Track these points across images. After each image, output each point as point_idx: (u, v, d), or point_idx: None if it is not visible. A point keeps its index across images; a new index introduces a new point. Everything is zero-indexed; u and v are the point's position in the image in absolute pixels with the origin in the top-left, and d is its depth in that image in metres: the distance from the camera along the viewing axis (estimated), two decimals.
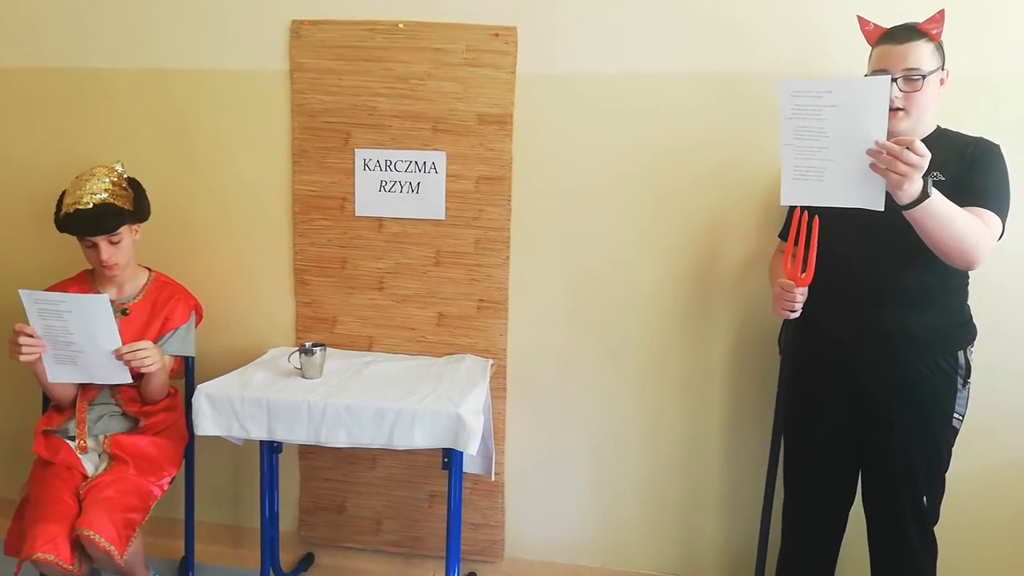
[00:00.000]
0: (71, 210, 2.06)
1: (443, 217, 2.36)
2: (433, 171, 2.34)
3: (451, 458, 2.03)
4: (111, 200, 2.10)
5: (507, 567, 2.52)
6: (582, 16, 2.23)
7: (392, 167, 2.36)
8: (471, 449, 1.92)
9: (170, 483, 2.17)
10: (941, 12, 1.73)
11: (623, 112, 2.25)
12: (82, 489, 2.02)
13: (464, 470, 2.20)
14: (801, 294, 1.81)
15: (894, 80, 1.68)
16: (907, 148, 1.52)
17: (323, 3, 2.32)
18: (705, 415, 2.34)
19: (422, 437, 1.93)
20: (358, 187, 2.39)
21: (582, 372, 2.39)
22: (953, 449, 1.88)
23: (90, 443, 2.13)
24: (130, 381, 2.04)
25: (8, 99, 2.53)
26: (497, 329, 2.40)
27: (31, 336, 1.93)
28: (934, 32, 1.73)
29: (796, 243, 1.78)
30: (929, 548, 1.89)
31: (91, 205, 2.06)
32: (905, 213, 1.60)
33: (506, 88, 2.27)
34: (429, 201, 2.36)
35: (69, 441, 2.13)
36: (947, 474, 1.89)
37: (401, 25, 2.29)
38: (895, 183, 1.55)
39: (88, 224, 2.06)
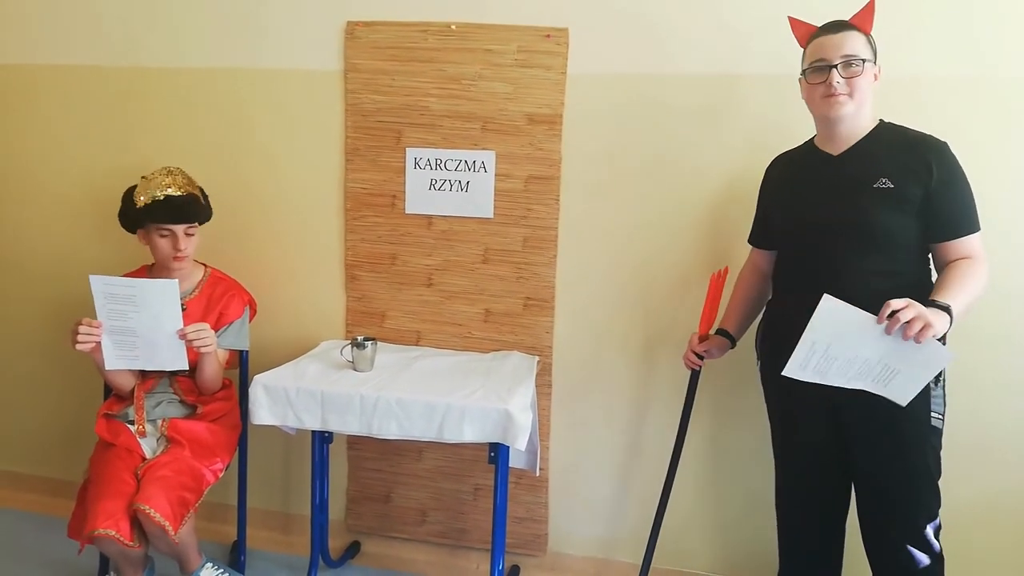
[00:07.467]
0: (161, 196, 2.13)
1: (491, 216, 2.39)
2: (482, 170, 2.37)
3: (498, 453, 2.05)
4: (195, 193, 2.20)
5: (550, 561, 2.54)
6: (633, 17, 2.24)
7: (442, 166, 2.40)
8: (520, 445, 1.95)
9: (223, 471, 2.22)
10: (871, 4, 1.78)
11: (673, 112, 2.26)
12: (140, 470, 2.08)
13: (509, 465, 2.23)
14: (700, 350, 2.07)
15: (834, 67, 1.72)
16: (893, 312, 1.54)
17: (377, 5, 2.37)
18: (751, 415, 2.32)
19: (471, 432, 1.96)
20: (408, 185, 2.43)
21: (627, 370, 2.41)
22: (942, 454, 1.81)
23: (148, 428, 2.20)
24: (186, 367, 2.08)
25: (66, 97, 2.62)
26: (543, 327, 2.43)
27: (90, 326, 1.99)
28: (865, 24, 1.77)
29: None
30: (931, 556, 1.80)
31: (183, 193, 2.16)
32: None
33: (556, 89, 2.29)
34: (478, 200, 2.39)
35: (129, 425, 2.19)
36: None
37: (453, 26, 2.33)
38: (925, 335, 1.53)
39: (180, 210, 2.14)
